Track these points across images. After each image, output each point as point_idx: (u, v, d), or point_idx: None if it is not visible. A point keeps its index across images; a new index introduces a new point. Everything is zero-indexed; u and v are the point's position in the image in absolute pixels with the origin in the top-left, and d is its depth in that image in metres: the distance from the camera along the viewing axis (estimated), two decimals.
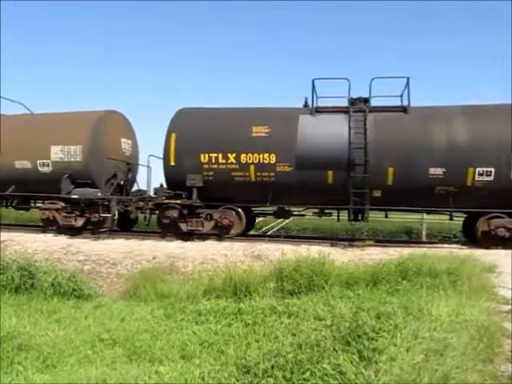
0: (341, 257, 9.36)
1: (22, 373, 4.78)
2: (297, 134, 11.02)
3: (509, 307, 5.90)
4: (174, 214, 11.64)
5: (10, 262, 8.70)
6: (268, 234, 15.99)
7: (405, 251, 9.19)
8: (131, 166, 13.95)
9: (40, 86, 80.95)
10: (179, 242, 11.41)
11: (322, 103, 11.69)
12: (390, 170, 10.53)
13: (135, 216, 13.57)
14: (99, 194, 12.47)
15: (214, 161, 11.32)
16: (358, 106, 11.26)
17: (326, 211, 12.06)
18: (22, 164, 12.96)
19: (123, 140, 13.88)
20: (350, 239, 12.99)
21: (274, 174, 11.04)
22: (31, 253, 10.02)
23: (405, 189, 10.53)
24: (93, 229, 12.59)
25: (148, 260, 9.79)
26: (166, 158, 11.77)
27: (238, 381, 3.83)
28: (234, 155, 11.20)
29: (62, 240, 11.65)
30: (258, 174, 11.14)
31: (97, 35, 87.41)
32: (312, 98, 11.55)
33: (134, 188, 14.23)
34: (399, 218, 16.44)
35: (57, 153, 12.67)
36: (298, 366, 3.84)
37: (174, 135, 11.69)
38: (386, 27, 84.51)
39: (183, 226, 11.64)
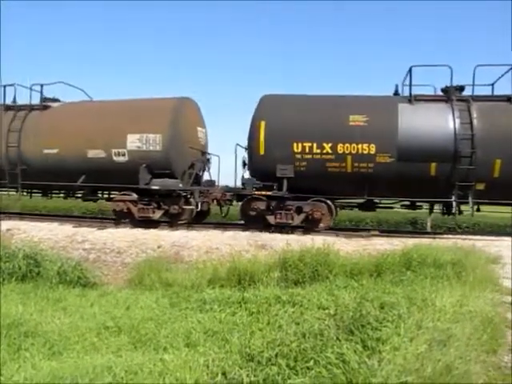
0: (345, 247, 9.37)
1: (29, 359, 4.83)
2: (397, 124, 10.56)
3: None
4: (261, 206, 11.23)
5: (16, 251, 8.76)
6: None
7: (409, 242, 9.19)
8: (207, 156, 13.38)
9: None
10: (184, 231, 11.41)
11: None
12: (498, 162, 10.16)
13: (207, 208, 13.08)
14: (180, 184, 11.97)
15: (307, 150, 10.82)
16: (461, 95, 10.88)
17: (417, 204, 11.70)
18: (95, 153, 12.24)
19: (199, 128, 13.25)
20: (354, 229, 12.99)
21: (372, 166, 10.60)
22: (37, 241, 10.10)
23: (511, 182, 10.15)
24: (170, 221, 12.13)
25: (153, 249, 9.84)
26: (253, 147, 11.27)
27: (241, 368, 3.85)
28: (330, 145, 10.70)
29: (67, 229, 11.71)
30: (356, 164, 10.66)
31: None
32: (410, 85, 11.04)
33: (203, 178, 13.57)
34: (404, 209, 16.28)
35: (134, 141, 11.96)
36: (301, 355, 3.87)
37: (263, 123, 11.13)
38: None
39: (271, 219, 11.20)
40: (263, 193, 11.21)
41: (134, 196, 12.08)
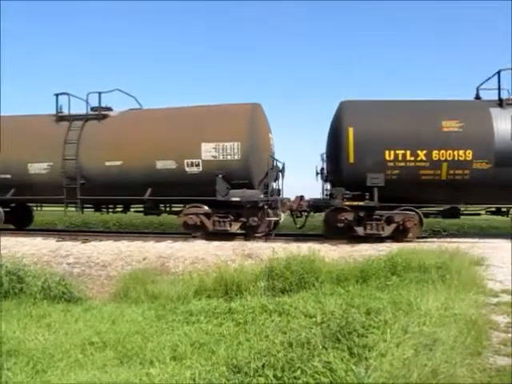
0: (331, 253, 9.40)
1: (12, 379, 4.73)
2: (493, 128, 10.43)
3: (497, 300, 5.97)
4: (349, 216, 10.81)
5: None
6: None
7: (394, 246, 9.25)
8: (280, 164, 12.75)
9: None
10: (169, 242, 11.32)
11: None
12: None
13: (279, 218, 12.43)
14: (261, 195, 11.47)
15: (400, 158, 10.51)
16: None
17: (503, 210, 11.51)
18: (165, 164, 11.56)
19: (270, 135, 12.72)
20: None
21: (468, 172, 10.40)
22: (20, 257, 9.92)
23: None
24: (246, 234, 11.57)
25: (138, 261, 9.75)
26: (341, 156, 10.86)
27: (228, 381, 3.81)
28: (424, 152, 10.45)
29: (51, 243, 11.55)
30: (451, 172, 10.45)
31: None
32: (498, 89, 10.96)
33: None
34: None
35: (209, 151, 11.29)
36: (288, 365, 3.84)
37: (351, 130, 10.70)
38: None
39: (360, 230, 10.81)
40: (355, 203, 10.76)
41: (207, 208, 11.56)
